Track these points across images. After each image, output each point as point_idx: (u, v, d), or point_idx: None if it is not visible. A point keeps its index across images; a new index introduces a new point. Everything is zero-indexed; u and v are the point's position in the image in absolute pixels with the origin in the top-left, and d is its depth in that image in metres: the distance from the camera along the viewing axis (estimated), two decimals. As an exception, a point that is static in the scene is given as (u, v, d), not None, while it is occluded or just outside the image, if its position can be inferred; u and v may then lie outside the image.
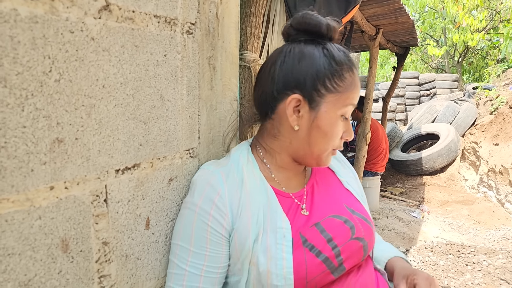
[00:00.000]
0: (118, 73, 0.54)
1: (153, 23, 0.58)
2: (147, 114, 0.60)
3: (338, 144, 0.68)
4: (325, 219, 0.67)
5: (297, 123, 0.65)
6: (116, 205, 0.58)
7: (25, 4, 0.41)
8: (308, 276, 0.61)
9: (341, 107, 0.65)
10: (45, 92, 0.44)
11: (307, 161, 0.69)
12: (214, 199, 0.63)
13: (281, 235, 0.62)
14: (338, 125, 0.65)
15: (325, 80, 0.63)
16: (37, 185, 0.45)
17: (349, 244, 0.65)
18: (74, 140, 0.49)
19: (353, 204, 0.72)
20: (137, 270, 0.64)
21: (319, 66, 0.63)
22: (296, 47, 0.65)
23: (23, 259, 0.45)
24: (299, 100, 0.64)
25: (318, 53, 0.64)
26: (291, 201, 0.69)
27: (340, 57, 0.64)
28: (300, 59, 0.64)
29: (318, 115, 0.64)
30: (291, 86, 0.64)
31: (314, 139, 0.65)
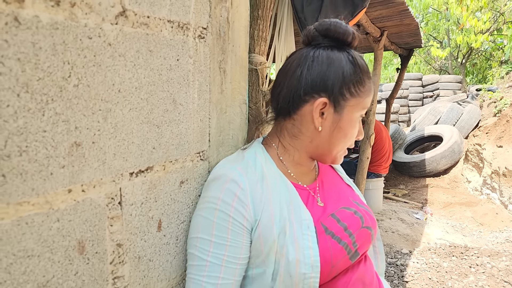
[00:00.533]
0: (133, 77, 0.54)
1: (166, 28, 0.59)
2: (160, 118, 0.61)
3: (352, 143, 0.75)
4: (338, 210, 0.73)
5: (321, 125, 0.70)
6: (130, 207, 0.58)
7: (47, 11, 0.41)
8: (333, 261, 0.66)
9: (360, 110, 0.70)
10: (64, 97, 0.45)
11: (324, 159, 0.74)
12: (236, 192, 0.65)
13: (306, 226, 0.66)
14: (356, 126, 0.72)
15: (350, 86, 0.68)
16: (56, 188, 0.46)
17: (361, 232, 0.71)
18: (91, 144, 0.50)
19: (356, 198, 0.79)
20: (149, 272, 0.65)
21: (346, 72, 0.67)
22: (324, 52, 0.69)
23: (42, 261, 0.46)
24: (326, 103, 0.68)
25: (345, 60, 0.68)
26: (307, 193, 0.74)
27: (363, 64, 0.70)
28: (329, 65, 0.68)
29: (341, 118, 0.69)
30: (319, 89, 0.68)
31: (336, 139, 0.71)
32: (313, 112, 0.68)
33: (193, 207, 0.74)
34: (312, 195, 0.74)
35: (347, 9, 1.15)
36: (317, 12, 1.12)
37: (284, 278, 0.63)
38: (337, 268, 0.67)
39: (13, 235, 0.42)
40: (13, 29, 0.39)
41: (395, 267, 2.88)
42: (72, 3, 0.44)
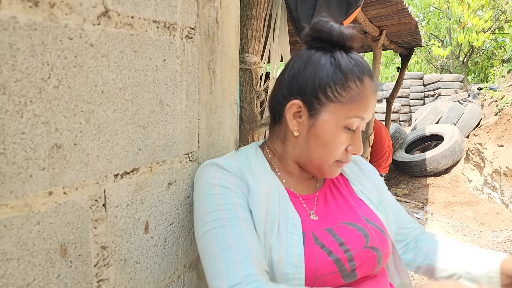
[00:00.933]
0: (117, 78, 0.54)
1: (152, 28, 0.58)
2: (146, 119, 0.60)
3: (343, 157, 0.66)
4: (337, 225, 0.66)
5: (297, 129, 0.66)
6: (115, 209, 0.58)
7: (24, 11, 0.41)
8: (317, 272, 0.59)
9: (344, 118, 0.62)
10: (44, 99, 0.45)
11: (310, 169, 0.69)
12: (231, 173, 0.65)
13: (292, 225, 0.62)
14: (339, 136, 0.63)
15: (326, 89, 0.62)
16: (36, 190, 0.46)
17: (362, 252, 0.63)
18: (72, 146, 0.49)
19: (368, 214, 0.70)
20: (136, 274, 0.64)
21: (322, 74, 0.62)
22: (306, 53, 0.66)
23: (21, 264, 0.46)
24: (300, 106, 0.64)
25: (324, 61, 0.63)
26: (298, 201, 0.69)
27: (348, 66, 0.62)
28: (305, 66, 0.64)
29: (316, 123, 0.63)
30: (295, 92, 0.65)
31: (313, 147, 0.65)
32: (286, 115, 0.66)
33: (182, 208, 0.74)
34: (303, 206, 0.68)
35: (341, 8, 1.14)
36: (311, 11, 1.11)
37: (270, 276, 0.59)
38: (322, 281, 0.59)
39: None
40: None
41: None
42: (52, 4, 0.44)
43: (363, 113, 0.63)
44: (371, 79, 0.64)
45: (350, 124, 0.63)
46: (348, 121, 0.62)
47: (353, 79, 0.62)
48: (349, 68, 0.62)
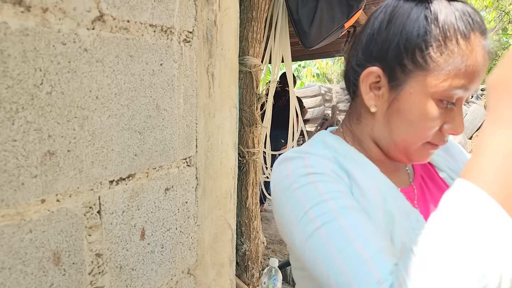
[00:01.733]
0: (112, 83, 0.53)
1: (148, 33, 0.57)
2: (142, 124, 0.59)
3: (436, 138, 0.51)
4: None
5: (374, 103, 0.52)
6: (110, 216, 0.57)
7: (16, 17, 0.40)
8: None
9: (439, 89, 0.47)
10: (36, 105, 0.44)
11: (394, 155, 0.55)
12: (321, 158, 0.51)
13: (415, 219, 0.51)
14: (431, 112, 0.49)
15: (415, 51, 0.47)
16: (28, 198, 0.45)
17: None
18: (66, 152, 0.48)
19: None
20: (132, 281, 0.63)
21: (410, 32, 0.48)
22: (392, 3, 0.51)
23: (13, 273, 0.45)
24: (378, 75, 0.51)
25: (416, 14, 0.48)
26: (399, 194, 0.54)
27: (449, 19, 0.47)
28: (389, 21, 0.49)
29: (399, 96, 0.50)
30: (373, 56, 0.51)
31: (396, 126, 0.51)
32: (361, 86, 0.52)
33: (180, 214, 0.73)
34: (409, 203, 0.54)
35: (342, 11, 1.13)
36: (312, 14, 1.09)
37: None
38: None
39: (-19, 248, 0.41)
40: (-22, 36, 0.37)
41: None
42: (44, 9, 0.43)
43: (467, 82, 0.47)
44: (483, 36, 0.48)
45: (448, 96, 0.48)
46: (446, 93, 0.47)
47: (455, 37, 0.47)
48: (450, 21, 0.47)
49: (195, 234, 0.78)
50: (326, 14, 1.11)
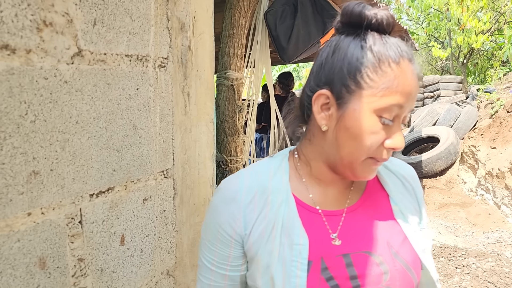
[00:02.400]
0: (91, 109, 0.60)
1: (124, 62, 0.64)
2: (120, 143, 0.66)
3: (378, 153, 0.57)
4: (357, 253, 0.59)
5: (325, 123, 0.59)
6: (91, 225, 0.64)
7: (2, 59, 0.47)
8: None
9: (377, 107, 0.54)
10: (21, 132, 0.51)
11: (341, 170, 0.61)
12: (230, 203, 0.61)
13: (297, 252, 0.57)
14: (372, 127, 0.55)
15: (356, 74, 0.55)
16: (16, 212, 0.52)
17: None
18: (49, 171, 0.55)
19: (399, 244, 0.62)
20: (113, 282, 0.71)
21: (351, 58, 0.56)
22: (335, 39, 0.59)
23: (4, 276, 0.52)
24: (327, 96, 0.57)
25: (354, 45, 0.56)
26: (318, 217, 0.62)
27: (380, 49, 0.55)
28: (334, 52, 0.57)
29: (345, 114, 0.56)
30: (322, 82, 0.58)
31: (342, 141, 0.58)
32: (313, 107, 0.58)
33: (158, 221, 0.80)
34: (325, 226, 0.61)
35: (318, 28, 1.20)
36: (289, 30, 1.17)
37: None
38: None
39: (-25, 256, 0.48)
40: (-30, 79, 0.44)
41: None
42: (28, 50, 0.50)
43: (401, 100, 0.54)
44: (411, 62, 0.56)
45: (385, 113, 0.55)
46: (383, 110, 0.54)
47: (387, 62, 0.54)
48: (382, 50, 0.55)
49: (174, 239, 0.85)
50: (302, 30, 1.17)
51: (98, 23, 0.58)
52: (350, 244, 0.60)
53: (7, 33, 0.47)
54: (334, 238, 0.60)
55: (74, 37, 0.55)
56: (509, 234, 3.40)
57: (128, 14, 0.63)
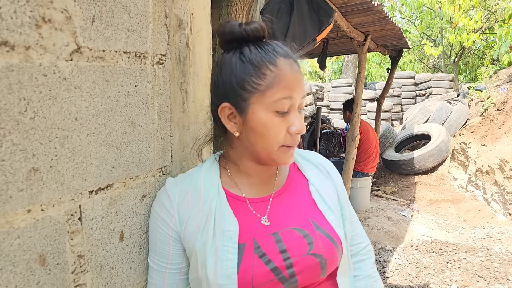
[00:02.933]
0: (90, 106, 0.60)
1: (123, 59, 0.64)
2: (119, 140, 0.67)
3: (287, 140, 0.67)
4: (285, 230, 0.69)
5: (236, 129, 0.68)
6: (90, 222, 0.64)
7: (2, 56, 0.47)
8: (254, 282, 0.63)
9: (270, 104, 0.64)
10: (21, 129, 0.51)
11: (264, 161, 0.70)
12: (164, 203, 0.71)
13: (228, 238, 0.65)
14: (272, 122, 0.65)
15: (244, 84, 0.64)
16: (16, 209, 0.52)
17: (304, 259, 0.66)
18: (49, 168, 0.55)
19: (319, 219, 0.72)
20: (112, 279, 0.71)
21: (235, 72, 0.65)
22: (219, 58, 0.69)
23: (4, 273, 0.52)
24: (229, 107, 0.67)
25: (235, 60, 0.65)
26: (244, 205, 0.71)
27: (257, 56, 0.64)
28: (221, 70, 0.67)
29: (247, 118, 0.66)
30: (220, 96, 0.68)
31: (254, 141, 0.67)
32: (222, 120, 0.68)
33: (156, 218, 0.80)
34: (251, 211, 0.71)
35: (314, 25, 1.20)
36: (285, 28, 1.17)
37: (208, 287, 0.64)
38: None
39: (-25, 252, 0.48)
40: (-30, 75, 0.44)
41: (378, 264, 2.96)
42: (27, 47, 0.50)
43: (288, 93, 0.64)
44: (287, 58, 0.65)
45: (279, 107, 0.64)
46: (276, 105, 0.64)
47: (265, 65, 0.64)
48: (258, 57, 0.64)
49: (172, 236, 0.86)
50: (298, 28, 1.18)
51: (97, 20, 0.58)
52: (278, 224, 0.70)
53: (6, 29, 0.47)
54: (262, 219, 0.70)
55: (73, 34, 0.55)
56: (498, 229, 3.47)
57: (126, 11, 0.63)
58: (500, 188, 3.87)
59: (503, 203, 3.81)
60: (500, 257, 2.77)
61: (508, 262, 2.69)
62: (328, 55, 2.92)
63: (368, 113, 8.04)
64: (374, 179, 5.62)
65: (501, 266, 2.63)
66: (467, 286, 2.43)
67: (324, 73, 15.01)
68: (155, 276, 0.73)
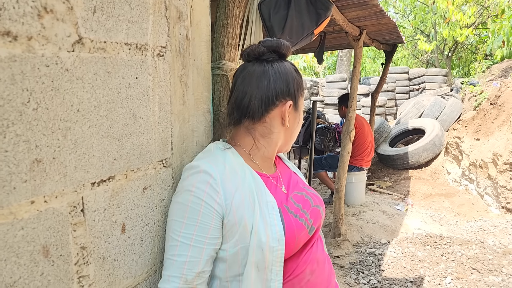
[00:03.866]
0: (92, 97, 0.60)
1: (124, 51, 0.64)
2: (120, 132, 0.67)
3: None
4: (293, 194, 0.88)
5: (288, 122, 0.86)
6: (93, 214, 0.64)
7: (4, 46, 0.47)
8: (297, 234, 0.79)
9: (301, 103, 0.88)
10: (24, 120, 0.51)
11: (284, 148, 0.92)
12: (208, 181, 0.75)
13: (271, 207, 0.78)
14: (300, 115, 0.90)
15: (300, 87, 0.86)
16: (19, 200, 0.52)
17: (312, 210, 0.87)
18: (51, 160, 0.55)
19: (303, 183, 0.95)
20: (114, 270, 0.71)
21: (296, 77, 0.86)
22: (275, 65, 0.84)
23: (8, 264, 0.52)
24: (291, 104, 0.84)
25: (292, 68, 0.86)
26: (269, 180, 0.87)
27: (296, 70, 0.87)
28: (286, 74, 0.84)
29: (298, 113, 0.89)
30: (285, 94, 0.84)
31: (296, 131, 0.90)
32: (284, 113, 0.84)
33: (157, 210, 0.80)
34: (274, 184, 0.88)
35: (311, 18, 1.20)
36: (283, 21, 1.17)
37: (257, 252, 0.74)
38: (300, 240, 0.80)
39: (-20, 243, 0.48)
40: (-27, 65, 0.44)
41: (373, 257, 3.00)
42: (29, 37, 0.49)
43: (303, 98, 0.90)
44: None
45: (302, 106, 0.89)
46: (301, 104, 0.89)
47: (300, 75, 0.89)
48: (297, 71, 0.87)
49: (173, 228, 0.86)
50: (296, 21, 1.18)
51: (98, 11, 0.58)
52: (289, 190, 0.89)
53: (9, 19, 0.46)
54: (283, 189, 0.88)
55: (74, 24, 0.55)
56: (492, 222, 3.53)
57: (127, 2, 0.63)
58: (493, 182, 3.93)
59: (496, 196, 3.87)
60: (493, 249, 2.82)
61: (501, 254, 2.74)
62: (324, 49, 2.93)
63: (363, 108, 8.07)
64: (369, 173, 5.66)
65: (495, 258, 2.67)
66: (462, 278, 2.47)
67: (319, 68, 15.02)
68: (192, 254, 0.74)
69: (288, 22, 1.18)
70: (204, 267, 0.76)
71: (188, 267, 0.74)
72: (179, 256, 0.74)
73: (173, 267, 0.74)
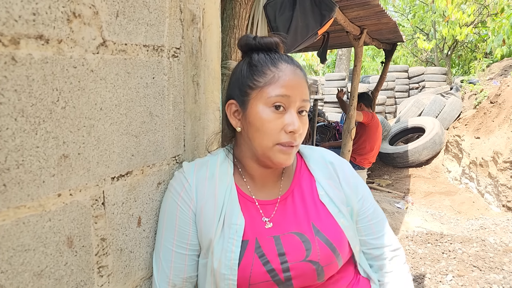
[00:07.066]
0: (113, 96, 0.63)
1: (142, 52, 0.68)
2: (138, 129, 0.70)
3: (283, 138, 0.69)
4: (286, 234, 0.71)
5: (238, 125, 0.75)
6: (112, 207, 0.68)
7: (38, 49, 0.50)
8: (251, 280, 0.66)
9: (267, 99, 0.68)
10: (53, 118, 0.54)
11: (262, 161, 0.74)
12: (184, 184, 0.74)
13: (234, 231, 0.69)
14: (268, 117, 0.68)
15: (247, 81, 0.71)
16: (48, 193, 0.55)
17: (300, 265, 0.68)
18: (77, 155, 0.59)
19: (322, 222, 0.72)
20: (130, 262, 0.75)
21: (241, 72, 0.73)
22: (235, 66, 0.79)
23: (36, 254, 0.56)
24: (235, 104, 0.74)
25: (242, 63, 0.75)
26: (253, 205, 0.74)
27: (260, 58, 0.71)
28: (232, 73, 0.77)
29: (247, 113, 0.71)
30: (229, 96, 0.76)
31: (252, 135, 0.71)
32: (230, 115, 0.75)
33: (171, 204, 0.84)
34: (259, 212, 0.74)
35: (315, 19, 1.24)
36: (288, 22, 1.20)
37: (212, 274, 0.68)
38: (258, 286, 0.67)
39: (12, 233, 0.51)
40: (11, 67, 0.47)
41: (373, 254, 3.03)
42: (59, 40, 0.53)
43: (285, 91, 0.68)
44: (290, 64, 0.70)
45: (274, 101, 0.68)
46: (272, 99, 0.68)
47: (267, 66, 0.70)
48: (262, 60, 0.71)
49: (185, 222, 0.90)
50: (301, 22, 1.21)
51: (120, 15, 0.61)
52: (280, 227, 0.72)
53: (42, 24, 0.50)
54: (266, 222, 0.72)
55: (99, 28, 0.58)
56: (492, 221, 3.56)
57: (146, 6, 0.67)
58: (494, 180, 3.97)
59: (497, 195, 3.91)
60: (494, 247, 2.86)
61: (502, 252, 2.77)
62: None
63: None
64: (369, 172, 5.70)
65: (496, 256, 2.71)
66: (463, 275, 2.51)
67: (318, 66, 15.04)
68: (175, 259, 0.74)
69: (293, 23, 1.21)
70: (191, 273, 0.75)
71: (175, 273, 0.73)
72: (164, 260, 0.74)
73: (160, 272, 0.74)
